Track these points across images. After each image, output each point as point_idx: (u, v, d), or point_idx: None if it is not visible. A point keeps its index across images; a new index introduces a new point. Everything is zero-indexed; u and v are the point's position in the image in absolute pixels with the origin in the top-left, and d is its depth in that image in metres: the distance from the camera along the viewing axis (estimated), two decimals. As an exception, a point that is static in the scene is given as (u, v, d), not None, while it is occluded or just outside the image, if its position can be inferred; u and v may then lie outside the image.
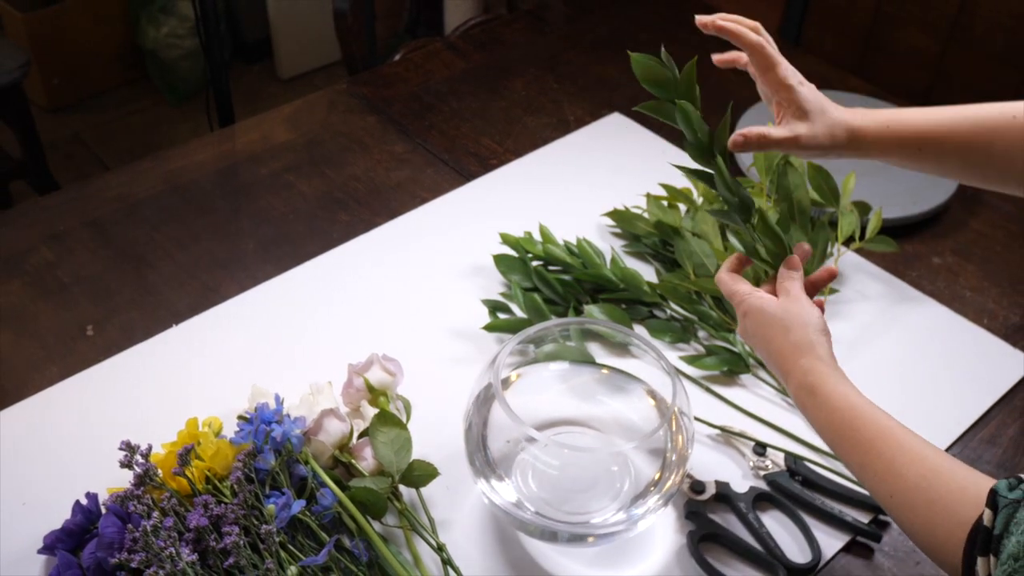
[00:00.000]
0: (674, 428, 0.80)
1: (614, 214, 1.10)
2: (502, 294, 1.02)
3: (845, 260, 1.09)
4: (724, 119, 0.77)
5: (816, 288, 0.79)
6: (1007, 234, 1.15)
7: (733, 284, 0.78)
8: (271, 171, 1.21)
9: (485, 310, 1.00)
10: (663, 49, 0.77)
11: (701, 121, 0.77)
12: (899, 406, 0.72)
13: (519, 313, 0.99)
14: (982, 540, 0.57)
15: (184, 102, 2.72)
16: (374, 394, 0.85)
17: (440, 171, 1.21)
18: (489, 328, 0.97)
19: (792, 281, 0.77)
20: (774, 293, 0.77)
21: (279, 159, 1.23)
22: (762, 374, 0.97)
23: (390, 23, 2.64)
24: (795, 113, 0.77)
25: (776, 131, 0.77)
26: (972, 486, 0.61)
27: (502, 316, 0.99)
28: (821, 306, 0.76)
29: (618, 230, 1.12)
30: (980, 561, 0.57)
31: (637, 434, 0.86)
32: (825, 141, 0.77)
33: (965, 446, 0.91)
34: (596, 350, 0.91)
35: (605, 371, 0.89)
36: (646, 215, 1.09)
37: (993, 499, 0.57)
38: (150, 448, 0.77)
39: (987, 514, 0.57)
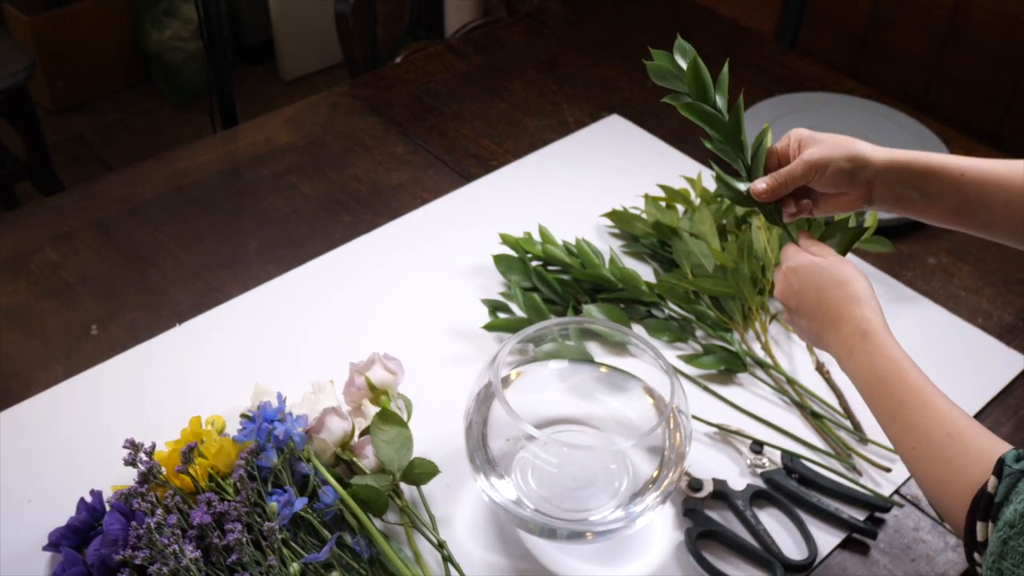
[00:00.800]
0: (672, 426, 0.80)
1: (613, 215, 1.11)
2: (502, 294, 1.03)
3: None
4: (761, 140, 0.80)
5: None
6: (1003, 234, 1.16)
7: (789, 245, 0.81)
8: (273, 172, 1.22)
9: (485, 309, 1.01)
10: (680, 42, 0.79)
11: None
12: (894, 404, 0.73)
13: (519, 313, 1.00)
14: (984, 505, 0.59)
15: (187, 104, 2.73)
16: (375, 393, 0.86)
17: (441, 172, 1.22)
18: (489, 327, 0.98)
19: (826, 248, 0.79)
20: None
21: (281, 160, 1.23)
22: (759, 373, 0.97)
23: (391, 26, 2.65)
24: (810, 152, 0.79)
25: (792, 167, 0.79)
26: (988, 451, 0.62)
27: (502, 316, 1.00)
28: None
29: (616, 231, 1.12)
30: (979, 525, 0.60)
31: (635, 432, 0.87)
32: (838, 158, 0.78)
33: (961, 444, 0.92)
34: (595, 349, 0.92)
35: (604, 370, 0.90)
36: (644, 216, 1.10)
37: (1000, 467, 0.59)
38: (154, 446, 0.78)
39: (992, 481, 0.59)
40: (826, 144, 0.78)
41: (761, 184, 0.79)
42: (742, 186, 0.81)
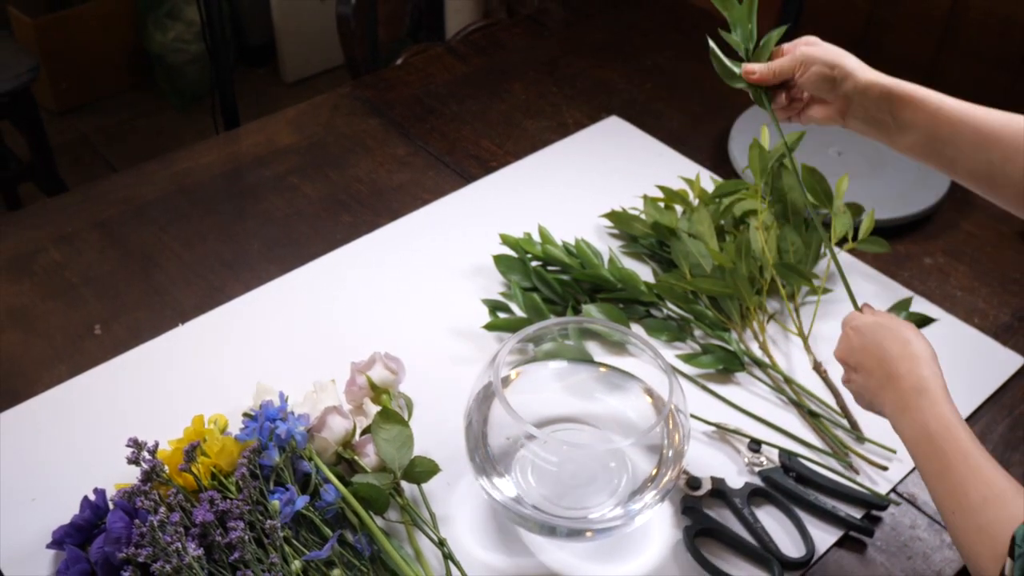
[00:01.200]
0: (670, 425, 0.81)
1: (612, 215, 1.11)
2: (502, 294, 1.04)
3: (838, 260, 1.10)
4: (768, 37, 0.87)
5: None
6: (997, 235, 1.16)
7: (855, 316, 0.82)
8: (275, 173, 1.22)
9: (485, 309, 1.01)
10: None
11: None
12: (889, 403, 0.74)
13: (519, 312, 1.01)
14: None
15: (190, 105, 2.74)
16: (376, 392, 0.86)
17: (441, 173, 1.23)
18: (489, 327, 0.99)
19: (891, 315, 0.81)
20: None
21: (283, 161, 1.24)
22: (757, 372, 0.98)
23: (392, 28, 2.65)
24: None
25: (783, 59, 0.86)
26: (1018, 519, 0.62)
27: (502, 315, 1.00)
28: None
29: (616, 231, 1.13)
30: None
31: (634, 431, 0.88)
32: (823, 61, 0.83)
33: (958, 443, 0.92)
34: (594, 348, 0.92)
35: (603, 369, 0.90)
36: (643, 216, 1.11)
37: (1012, 547, 0.59)
38: (157, 445, 0.78)
39: (1008, 564, 0.60)
40: (820, 47, 0.85)
41: (754, 67, 0.86)
42: (736, 68, 0.87)
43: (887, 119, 0.82)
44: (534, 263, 1.05)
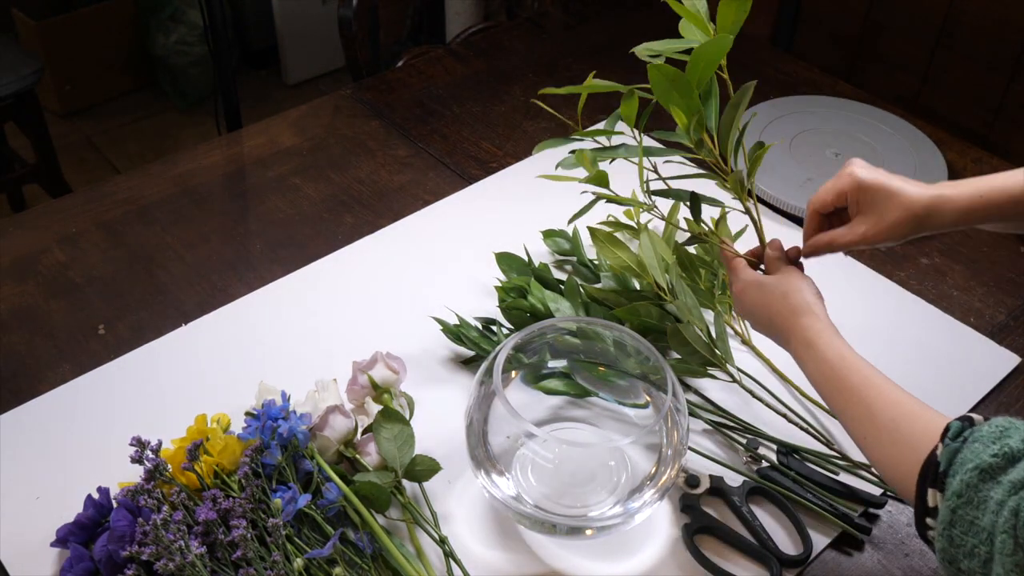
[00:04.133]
0: (669, 424, 0.81)
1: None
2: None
3: (835, 260, 1.10)
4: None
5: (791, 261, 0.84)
6: (993, 235, 1.16)
7: (733, 264, 0.85)
8: (278, 174, 1.23)
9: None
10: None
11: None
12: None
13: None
14: (932, 473, 0.62)
15: (193, 107, 2.75)
16: (378, 391, 0.87)
17: (442, 174, 1.24)
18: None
19: (779, 260, 0.82)
20: None
21: (285, 163, 1.25)
22: (755, 372, 0.98)
23: (393, 30, 2.66)
24: (862, 208, 0.79)
25: (843, 235, 0.80)
26: (934, 425, 0.64)
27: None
28: None
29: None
30: (930, 492, 0.62)
31: (633, 430, 0.88)
32: (898, 229, 0.78)
33: (955, 442, 0.93)
34: (594, 347, 0.92)
35: (602, 368, 0.91)
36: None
37: (945, 435, 0.62)
38: (160, 444, 0.79)
39: (939, 448, 0.62)
40: (884, 214, 0.77)
41: (808, 248, 0.83)
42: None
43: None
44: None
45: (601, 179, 0.83)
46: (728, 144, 0.81)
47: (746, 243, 1.08)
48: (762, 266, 0.85)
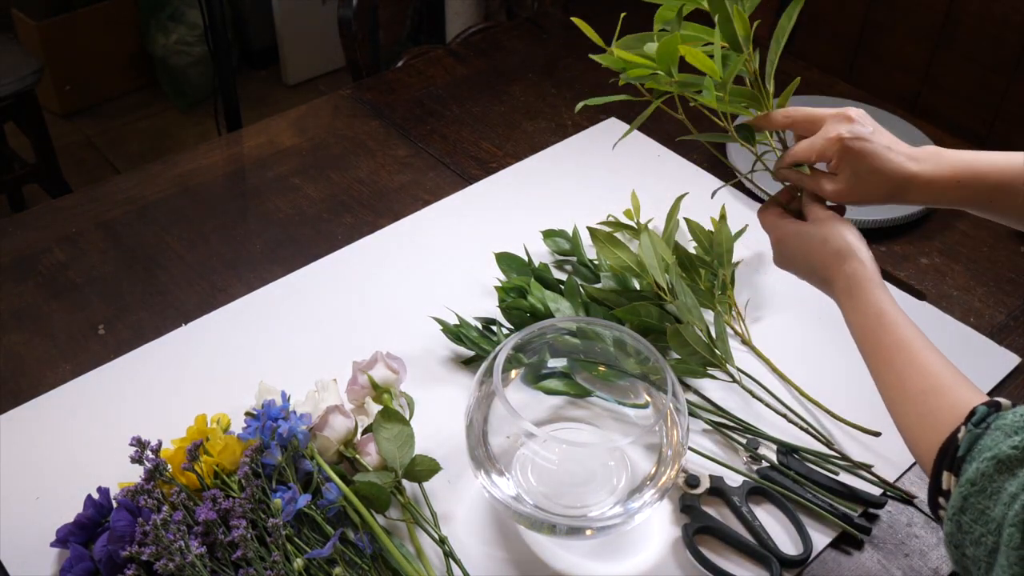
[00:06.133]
0: (669, 424, 0.81)
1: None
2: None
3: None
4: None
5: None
6: (992, 235, 1.17)
7: (767, 214, 0.82)
8: (277, 174, 1.23)
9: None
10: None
11: None
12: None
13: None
14: (951, 455, 0.61)
15: (193, 107, 2.75)
16: (378, 391, 0.87)
17: (442, 174, 1.24)
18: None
19: (815, 204, 0.80)
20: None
21: (285, 163, 1.25)
22: (751, 372, 0.98)
23: (393, 30, 2.66)
24: (840, 167, 0.77)
25: (816, 184, 0.79)
26: (964, 405, 0.63)
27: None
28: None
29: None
30: (945, 475, 0.61)
31: (633, 430, 0.88)
32: (869, 197, 0.77)
33: (955, 442, 0.93)
34: (593, 347, 0.93)
35: (602, 368, 0.91)
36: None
37: (970, 418, 0.61)
38: (160, 444, 0.79)
39: (962, 431, 0.61)
40: (868, 145, 0.75)
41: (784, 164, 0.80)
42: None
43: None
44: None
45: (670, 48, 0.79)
46: (773, 57, 0.79)
47: (746, 242, 1.09)
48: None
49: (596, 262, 1.06)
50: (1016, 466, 0.57)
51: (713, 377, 0.95)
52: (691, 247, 1.06)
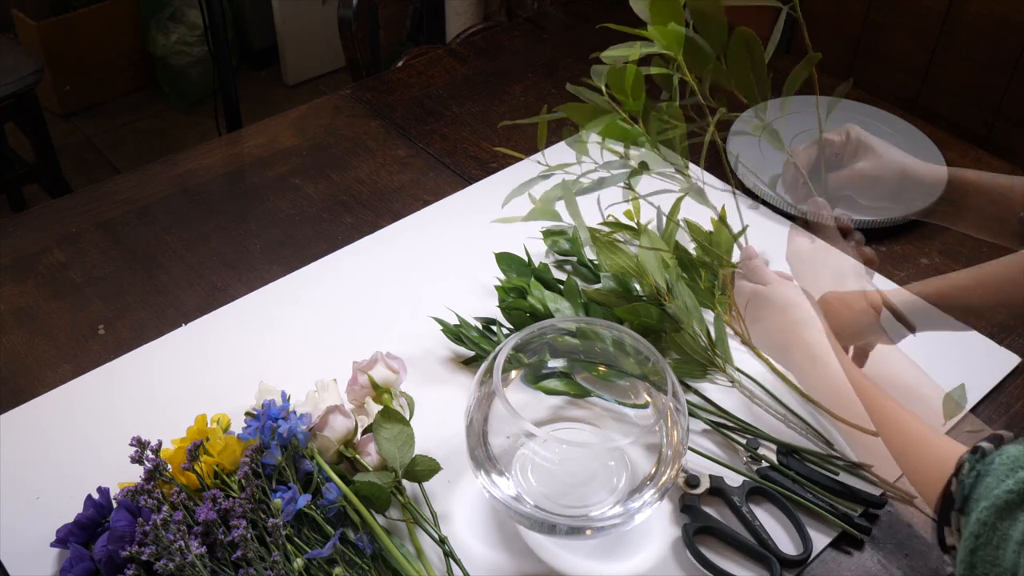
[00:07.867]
0: (669, 424, 0.81)
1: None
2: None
3: (839, 261, 1.10)
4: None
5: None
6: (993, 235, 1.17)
7: (738, 281, 0.86)
8: (278, 174, 1.23)
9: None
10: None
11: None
12: (886, 401, 0.74)
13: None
14: (947, 508, 0.63)
15: (193, 107, 2.75)
16: (378, 391, 0.87)
17: (442, 174, 1.24)
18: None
19: (761, 270, 0.83)
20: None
21: (285, 163, 1.25)
22: (754, 372, 0.98)
23: (393, 31, 2.66)
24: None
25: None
26: (947, 461, 0.65)
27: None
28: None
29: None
30: (946, 531, 0.63)
31: (633, 430, 0.88)
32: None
33: (955, 442, 0.93)
34: (593, 347, 0.93)
35: (602, 368, 0.91)
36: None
37: (958, 470, 0.63)
38: (160, 444, 0.79)
39: (954, 485, 0.63)
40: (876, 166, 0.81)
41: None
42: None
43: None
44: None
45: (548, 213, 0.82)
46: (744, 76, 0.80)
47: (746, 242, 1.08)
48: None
49: (596, 262, 1.06)
50: (1016, 509, 0.57)
51: (712, 381, 0.95)
52: (691, 247, 1.06)
